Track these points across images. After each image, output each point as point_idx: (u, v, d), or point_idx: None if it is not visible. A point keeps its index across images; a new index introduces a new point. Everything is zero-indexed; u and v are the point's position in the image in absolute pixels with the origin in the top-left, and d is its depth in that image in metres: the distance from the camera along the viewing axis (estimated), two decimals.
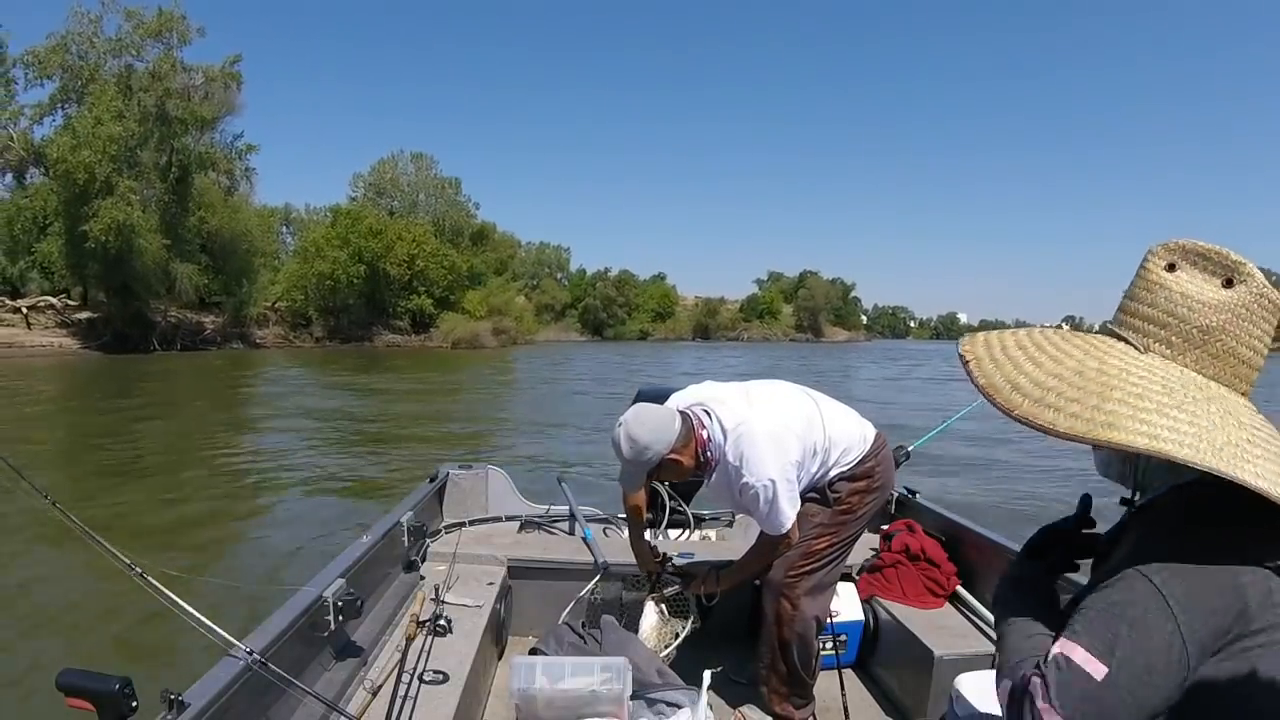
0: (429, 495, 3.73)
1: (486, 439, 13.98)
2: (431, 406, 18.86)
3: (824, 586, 2.74)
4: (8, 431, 13.53)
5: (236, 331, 43.36)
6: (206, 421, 15.88)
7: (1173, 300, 1.01)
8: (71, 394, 21.21)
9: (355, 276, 51.03)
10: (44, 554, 6.22)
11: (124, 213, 34.75)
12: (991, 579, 3.08)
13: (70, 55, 38.39)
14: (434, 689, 2.31)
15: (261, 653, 1.83)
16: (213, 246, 41.55)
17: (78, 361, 31.43)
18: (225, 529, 7.80)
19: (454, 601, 2.96)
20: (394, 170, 63.99)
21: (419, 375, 29.03)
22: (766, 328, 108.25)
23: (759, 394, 2.70)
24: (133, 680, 1.50)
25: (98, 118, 35.57)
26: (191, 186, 40.59)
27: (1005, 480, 10.64)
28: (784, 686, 2.77)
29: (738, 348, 75.85)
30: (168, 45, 39.64)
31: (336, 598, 2.32)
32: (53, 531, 6.16)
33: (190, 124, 40.46)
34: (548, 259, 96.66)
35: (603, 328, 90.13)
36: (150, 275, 36.85)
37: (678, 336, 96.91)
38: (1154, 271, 1.03)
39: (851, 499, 2.70)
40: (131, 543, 6.31)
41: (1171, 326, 1.01)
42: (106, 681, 1.48)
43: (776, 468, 2.47)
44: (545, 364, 37.36)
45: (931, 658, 2.78)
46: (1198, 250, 1.00)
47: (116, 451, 11.81)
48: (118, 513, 7.90)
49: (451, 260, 55.70)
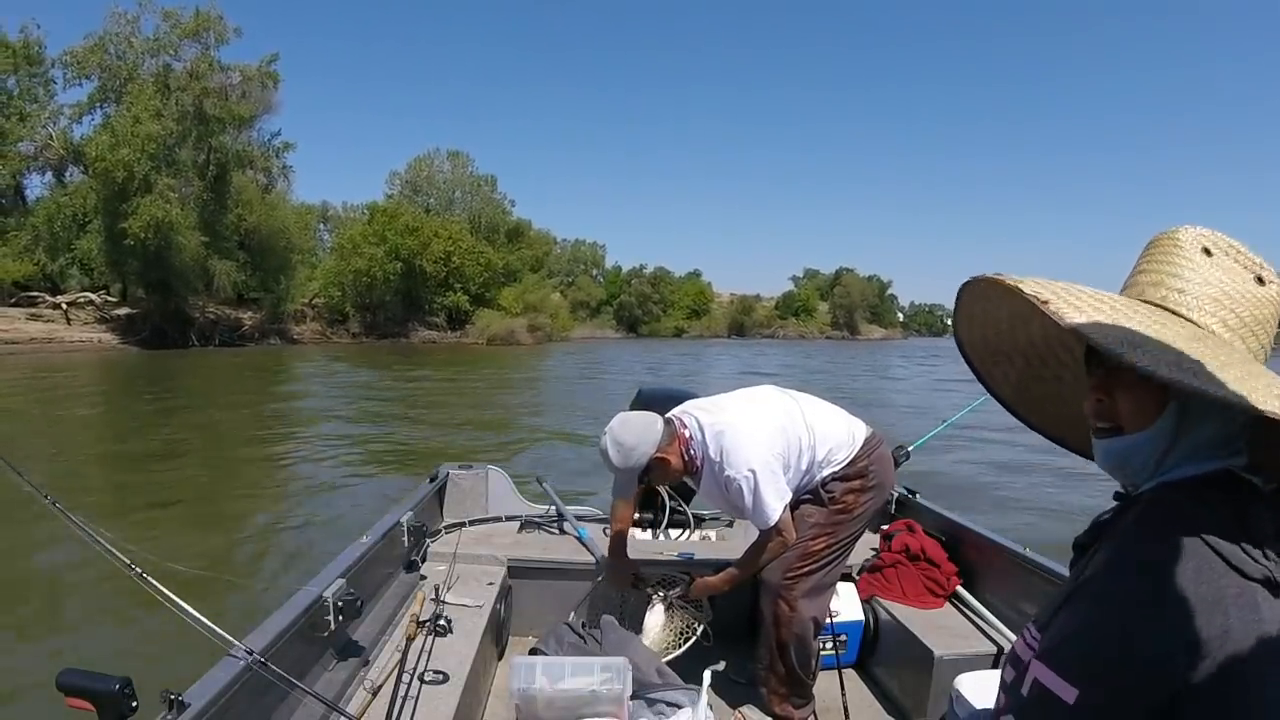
0: (429, 495, 3.74)
1: (527, 440, 13.33)
2: (470, 405, 18.64)
3: (822, 588, 2.78)
4: (36, 426, 13.77)
5: (274, 327, 43.76)
6: (240, 415, 15.89)
7: (1220, 284, 0.95)
8: (111, 388, 21.57)
9: (392, 273, 51.32)
10: (44, 553, 6.22)
11: (162, 210, 35.11)
12: (992, 579, 3.15)
13: (108, 55, 38.90)
14: (434, 689, 2.32)
15: (261, 653, 1.82)
16: (250, 243, 41.98)
17: (117, 356, 31.92)
18: (245, 524, 7.78)
19: (454, 601, 2.98)
20: (430, 168, 64.23)
21: (457, 371, 29.02)
22: (802, 325, 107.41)
23: (738, 396, 2.83)
24: (133, 680, 1.49)
25: (136, 117, 35.97)
26: (229, 184, 41.05)
27: (1006, 482, 10.41)
28: (783, 687, 2.80)
29: (772, 345, 75.59)
30: (205, 45, 40.16)
31: (336, 598, 2.32)
32: (53, 530, 5.81)
33: (228, 122, 40.86)
34: (583, 256, 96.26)
35: (637, 325, 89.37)
36: (189, 272, 37.30)
37: (713, 334, 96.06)
38: (1191, 252, 0.97)
39: (846, 498, 2.74)
40: (141, 536, 6.56)
41: (1225, 309, 0.94)
42: (106, 681, 1.47)
43: (757, 459, 2.56)
44: (581, 361, 37.00)
45: (931, 658, 2.79)
46: (1229, 242, 0.97)
47: (150, 445, 11.89)
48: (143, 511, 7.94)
49: (487, 257, 55.81)
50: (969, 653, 2.78)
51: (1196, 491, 0.90)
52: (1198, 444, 0.92)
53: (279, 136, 46.53)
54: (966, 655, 2.76)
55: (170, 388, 20.83)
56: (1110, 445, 0.98)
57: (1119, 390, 0.95)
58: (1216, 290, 0.94)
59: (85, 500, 8.64)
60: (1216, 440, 0.92)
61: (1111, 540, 0.95)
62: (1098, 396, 0.98)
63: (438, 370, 28.92)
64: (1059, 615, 0.93)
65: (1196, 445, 0.92)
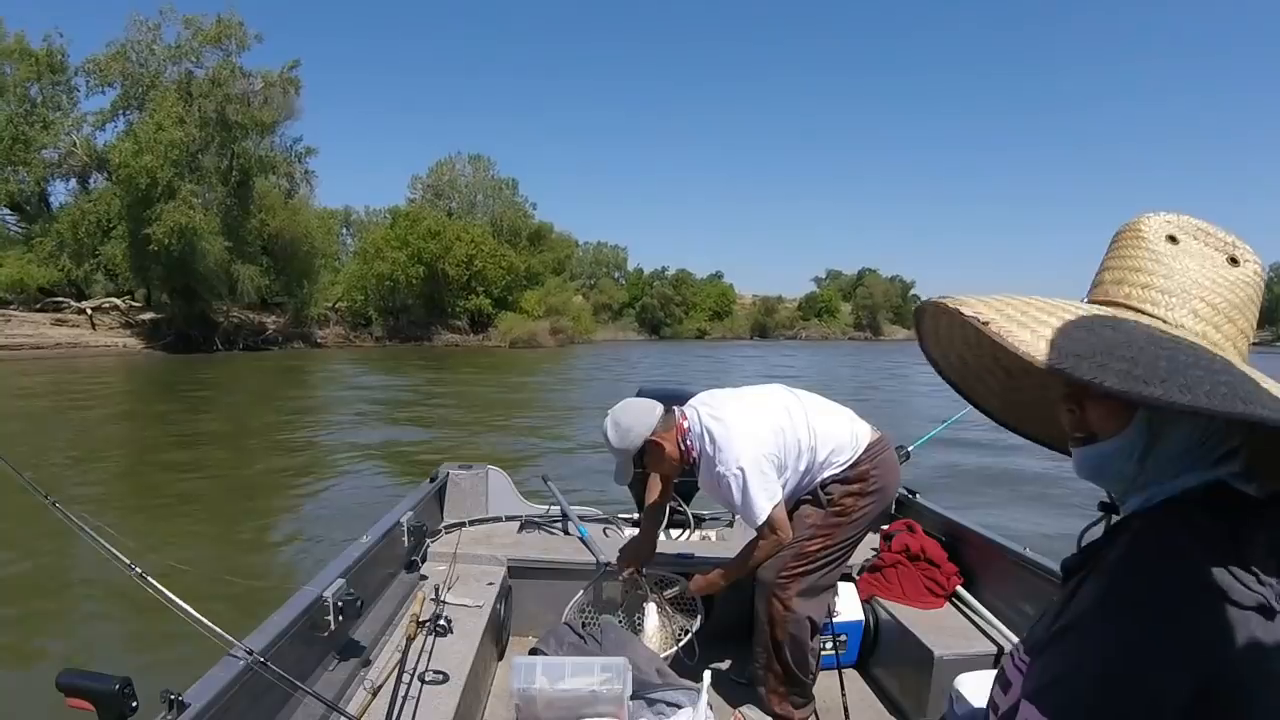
0: (429, 495, 3.74)
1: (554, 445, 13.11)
2: (491, 408, 18.56)
3: (819, 589, 2.78)
4: (58, 427, 13.85)
5: (298, 331, 43.76)
6: (262, 417, 15.96)
7: (1188, 272, 0.90)
8: (135, 391, 21.72)
9: (414, 277, 51.36)
10: (45, 553, 6.21)
11: (186, 216, 35.08)
12: (992, 579, 3.17)
13: (130, 63, 38.95)
14: (434, 689, 2.32)
15: (261, 653, 1.82)
16: (274, 248, 41.97)
17: (142, 361, 32.03)
18: (256, 525, 7.77)
19: (454, 601, 2.99)
20: (452, 172, 64.14)
21: (478, 374, 28.98)
22: (825, 326, 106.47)
23: (744, 393, 2.86)
24: (133, 680, 1.50)
25: (159, 123, 35.94)
26: (252, 190, 41.05)
27: (1006, 482, 10.40)
28: (782, 686, 2.81)
29: (794, 346, 74.95)
30: (226, 52, 40.06)
31: (336, 598, 2.32)
32: (54, 530, 5.84)
33: (250, 129, 40.83)
34: (605, 258, 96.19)
35: (660, 327, 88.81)
36: (212, 277, 37.27)
37: (735, 336, 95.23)
38: (1155, 242, 0.92)
39: (845, 501, 2.74)
40: (154, 535, 6.90)
41: (1195, 298, 0.89)
42: (106, 681, 1.47)
43: (747, 457, 2.59)
44: (603, 364, 36.68)
45: (931, 658, 2.82)
46: (1196, 225, 0.92)
47: (168, 444, 11.93)
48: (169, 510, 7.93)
49: (509, 260, 55.60)
50: (969, 653, 2.82)
51: (1185, 515, 0.85)
52: (1180, 449, 0.88)
53: (300, 142, 46.60)
54: (966, 655, 2.80)
55: (193, 391, 20.76)
56: (1085, 454, 0.94)
57: (1086, 400, 0.91)
58: (1184, 279, 0.89)
59: (101, 499, 8.58)
60: (1195, 443, 0.88)
61: (1100, 574, 0.88)
62: (1068, 408, 0.94)
63: (458, 373, 28.90)
64: (1047, 652, 0.88)
65: (1178, 450, 0.88)
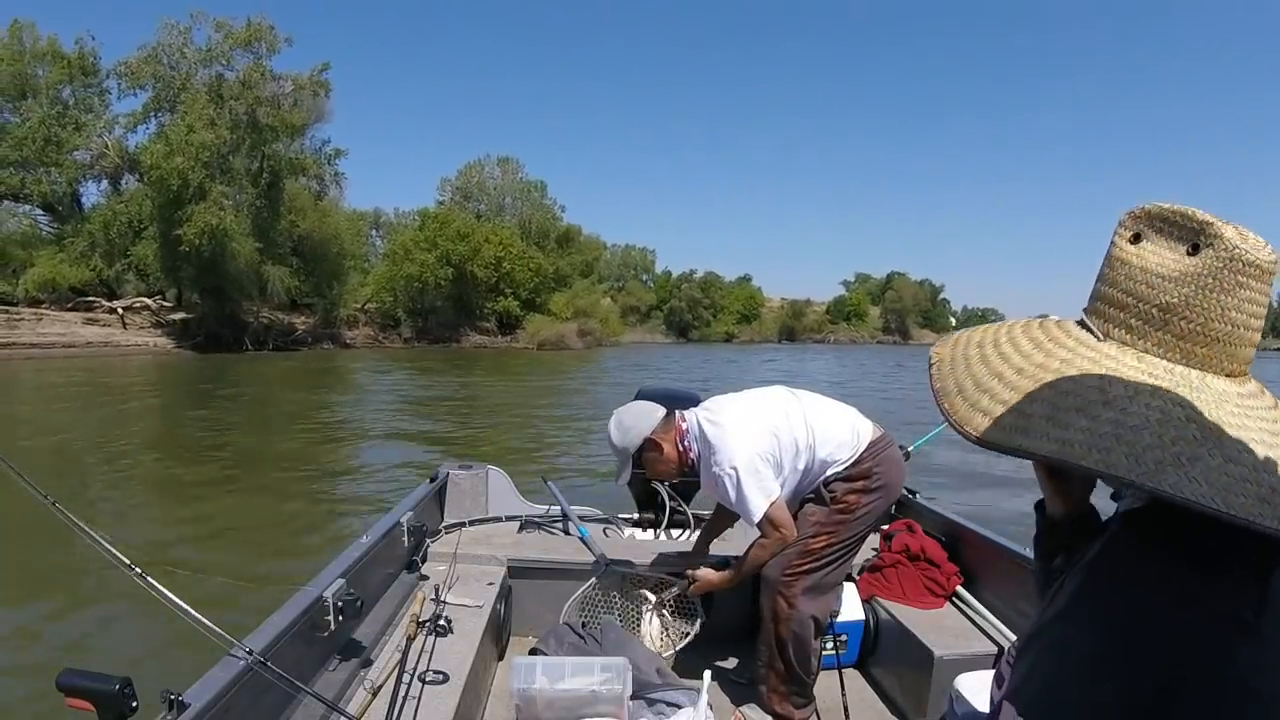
0: (429, 495, 3.73)
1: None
2: (521, 409, 18.34)
3: (824, 588, 2.80)
4: (85, 423, 13.96)
5: (327, 332, 43.83)
6: (288, 415, 16.04)
7: (1133, 277, 0.81)
8: (164, 389, 21.81)
9: (443, 279, 51.22)
10: (46, 554, 6.17)
11: (216, 217, 35.23)
12: (992, 579, 3.17)
13: (161, 66, 39.16)
14: (434, 689, 2.32)
15: (261, 653, 1.82)
16: (303, 249, 42.03)
17: (172, 360, 32.21)
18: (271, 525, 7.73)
19: (454, 601, 2.99)
20: (481, 174, 64.02)
21: (505, 377, 28.75)
22: (853, 330, 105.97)
23: (744, 395, 2.90)
24: (133, 680, 1.49)
25: (190, 125, 36.18)
26: (282, 191, 41.12)
27: (1006, 482, 10.19)
28: (783, 685, 2.81)
29: (822, 350, 74.48)
30: (257, 55, 40.22)
31: (336, 598, 2.30)
32: (55, 531, 5.79)
33: (280, 131, 40.99)
34: (633, 261, 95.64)
35: (688, 330, 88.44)
36: (243, 277, 37.40)
37: (763, 339, 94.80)
38: (1118, 245, 0.84)
39: (848, 498, 2.76)
40: (171, 534, 7.07)
41: (1131, 308, 0.81)
42: (106, 681, 1.47)
43: (741, 456, 2.63)
44: (630, 367, 36.12)
45: (932, 658, 2.82)
46: (1161, 214, 0.81)
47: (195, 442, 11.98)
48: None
49: (537, 262, 55.33)
50: (969, 653, 2.82)
51: (1152, 522, 0.82)
52: None
53: (330, 144, 46.70)
54: (966, 655, 2.79)
55: (223, 390, 20.72)
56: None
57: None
58: (1132, 285, 0.80)
59: (115, 497, 8.71)
60: None
61: (1074, 578, 0.86)
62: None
63: (487, 375, 28.67)
64: (1026, 651, 0.86)
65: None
